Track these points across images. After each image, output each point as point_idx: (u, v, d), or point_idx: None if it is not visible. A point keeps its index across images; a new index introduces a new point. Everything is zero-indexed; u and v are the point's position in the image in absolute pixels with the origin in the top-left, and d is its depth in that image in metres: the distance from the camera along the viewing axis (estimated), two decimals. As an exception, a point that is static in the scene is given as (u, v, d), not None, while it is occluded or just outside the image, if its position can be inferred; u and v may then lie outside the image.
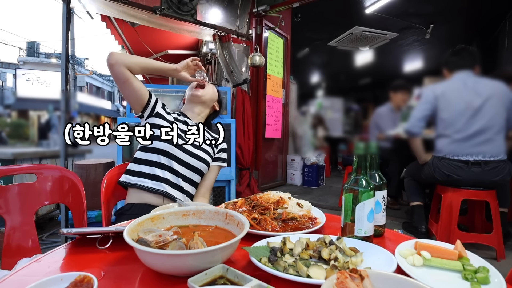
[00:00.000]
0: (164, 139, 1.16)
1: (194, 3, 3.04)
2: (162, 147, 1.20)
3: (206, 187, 1.36)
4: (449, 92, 2.03)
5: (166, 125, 1.21)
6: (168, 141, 1.17)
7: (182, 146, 1.23)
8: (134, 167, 1.23)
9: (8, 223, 1.06)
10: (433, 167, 2.07)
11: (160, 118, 1.24)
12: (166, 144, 1.19)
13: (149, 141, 1.13)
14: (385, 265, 0.60)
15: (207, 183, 1.36)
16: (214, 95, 1.39)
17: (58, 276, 0.50)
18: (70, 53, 2.50)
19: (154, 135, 1.14)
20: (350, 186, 0.75)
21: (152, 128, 1.12)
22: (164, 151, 1.21)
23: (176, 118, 1.31)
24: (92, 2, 2.61)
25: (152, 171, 1.20)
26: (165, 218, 0.73)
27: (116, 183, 1.27)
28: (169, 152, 1.21)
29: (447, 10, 4.28)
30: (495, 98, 1.93)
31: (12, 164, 2.58)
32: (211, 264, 0.54)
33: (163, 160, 1.21)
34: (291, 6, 3.56)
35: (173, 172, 1.22)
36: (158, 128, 1.18)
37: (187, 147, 1.25)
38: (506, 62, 4.07)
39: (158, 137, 1.17)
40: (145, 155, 1.22)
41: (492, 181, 1.93)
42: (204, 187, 1.35)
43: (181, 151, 1.23)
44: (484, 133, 1.92)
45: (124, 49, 4.77)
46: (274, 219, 0.84)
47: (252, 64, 3.33)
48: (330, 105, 3.69)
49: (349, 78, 5.49)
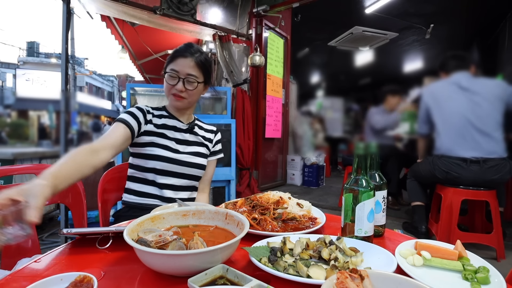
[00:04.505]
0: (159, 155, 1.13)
1: (194, 3, 3.04)
2: (158, 166, 1.14)
3: (205, 182, 1.32)
4: (444, 92, 2.09)
5: (157, 141, 1.15)
6: (162, 158, 1.14)
7: (177, 159, 1.17)
8: (132, 186, 1.19)
9: (8, 223, 1.06)
10: (433, 165, 2.10)
11: (148, 136, 1.16)
12: (161, 162, 1.14)
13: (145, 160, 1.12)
14: (385, 265, 0.59)
15: (206, 178, 1.32)
16: (199, 95, 1.22)
17: (58, 276, 0.50)
18: (70, 53, 2.51)
19: (148, 154, 1.12)
20: (350, 186, 0.75)
21: (143, 148, 1.11)
22: (160, 170, 1.15)
23: (164, 124, 1.20)
24: (92, 2, 2.61)
25: (151, 190, 1.16)
26: (165, 218, 0.73)
27: (114, 183, 1.27)
28: (165, 170, 1.16)
29: (447, 10, 4.29)
30: (491, 96, 1.95)
31: (12, 164, 2.59)
32: (211, 264, 0.54)
33: (160, 180, 1.16)
34: (291, 6, 3.56)
35: (172, 188, 1.18)
36: (150, 146, 1.14)
37: (182, 158, 1.18)
38: (506, 62, 4.07)
39: (152, 155, 1.13)
40: (141, 174, 1.17)
41: (491, 180, 1.93)
42: (203, 183, 1.31)
43: (177, 164, 1.17)
44: (481, 130, 1.93)
45: (124, 49, 4.78)
46: (274, 219, 0.84)
47: (252, 64, 3.33)
48: (330, 105, 3.69)
49: (349, 78, 5.50)
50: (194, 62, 1.14)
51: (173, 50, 1.18)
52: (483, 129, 1.93)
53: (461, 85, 2.02)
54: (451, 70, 2.10)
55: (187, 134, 1.24)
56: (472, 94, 1.97)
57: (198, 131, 1.28)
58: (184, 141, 1.22)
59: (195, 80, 1.15)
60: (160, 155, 1.14)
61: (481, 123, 1.93)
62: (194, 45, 1.18)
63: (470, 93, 1.97)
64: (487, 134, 1.93)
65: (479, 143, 1.93)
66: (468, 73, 2.05)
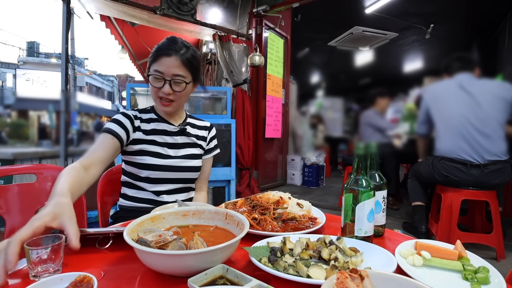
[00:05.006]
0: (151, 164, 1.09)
1: (194, 3, 3.04)
2: (151, 175, 1.10)
3: (203, 180, 1.28)
4: (445, 93, 2.07)
5: (148, 149, 1.10)
6: (155, 167, 1.10)
7: (169, 166, 1.12)
8: (128, 192, 1.15)
9: (8, 223, 1.06)
10: (433, 168, 2.09)
11: (138, 144, 1.10)
12: (154, 171, 1.10)
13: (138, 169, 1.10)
14: (385, 265, 0.59)
15: (203, 177, 1.27)
16: (188, 95, 1.14)
17: (58, 276, 0.50)
18: (70, 53, 2.51)
19: (140, 163, 1.09)
20: (350, 186, 0.75)
21: (134, 156, 1.09)
22: (154, 179, 1.11)
23: (153, 129, 1.14)
24: (91, 2, 2.61)
25: (147, 195, 1.13)
26: (165, 218, 0.73)
27: (114, 184, 1.27)
28: (159, 178, 1.12)
29: (447, 10, 4.29)
30: (493, 97, 1.94)
31: (12, 164, 2.58)
32: (211, 264, 0.54)
33: (155, 187, 1.13)
34: (291, 6, 3.57)
35: (168, 193, 1.16)
36: (140, 154, 1.09)
37: (175, 163, 1.13)
38: (506, 62, 4.07)
39: (144, 165, 1.09)
40: (135, 182, 1.13)
41: (492, 184, 1.93)
42: (200, 181, 1.27)
43: (170, 170, 1.12)
44: (483, 132, 1.92)
45: (124, 49, 4.77)
46: (274, 219, 0.84)
47: (252, 64, 3.33)
48: (330, 105, 3.70)
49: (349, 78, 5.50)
50: (180, 61, 1.04)
51: (155, 47, 1.07)
52: (485, 131, 1.91)
53: (463, 86, 1.99)
54: (455, 72, 2.08)
55: (179, 136, 1.18)
56: (474, 95, 1.95)
57: (191, 131, 1.22)
58: (176, 145, 1.17)
59: (183, 81, 1.06)
60: (152, 164, 1.09)
61: (482, 124, 1.91)
62: (178, 40, 1.08)
63: (472, 94, 1.95)
64: (489, 136, 1.91)
65: (481, 145, 1.91)
66: (471, 75, 2.03)
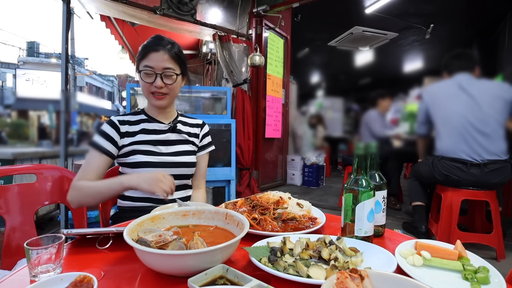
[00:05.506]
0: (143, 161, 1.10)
1: (194, 3, 3.04)
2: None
3: (199, 178, 1.28)
4: (445, 93, 2.07)
5: (138, 148, 1.11)
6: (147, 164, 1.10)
7: (161, 162, 1.13)
8: (125, 192, 1.15)
9: (8, 223, 1.06)
10: (433, 167, 2.09)
11: (128, 146, 1.12)
12: (147, 169, 1.10)
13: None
14: (385, 265, 0.60)
15: (200, 174, 1.28)
16: (179, 88, 1.17)
17: (58, 276, 0.50)
18: (70, 53, 2.51)
19: (132, 163, 1.09)
20: (350, 186, 0.75)
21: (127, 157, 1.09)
22: None
23: (143, 129, 1.15)
24: (91, 2, 2.61)
25: (144, 194, 1.13)
26: (165, 218, 0.73)
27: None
28: None
29: (447, 10, 4.29)
30: (493, 98, 1.94)
31: (12, 164, 2.58)
32: (211, 264, 0.54)
33: None
34: (291, 6, 3.56)
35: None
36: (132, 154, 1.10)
37: (167, 159, 1.14)
38: (506, 62, 4.07)
39: (136, 163, 1.10)
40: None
41: (492, 183, 1.93)
42: (197, 179, 1.28)
43: (163, 167, 1.13)
44: (482, 132, 1.92)
45: (124, 49, 4.78)
46: (274, 219, 0.84)
47: (252, 64, 3.33)
48: (330, 105, 3.70)
49: (349, 78, 5.51)
50: (168, 55, 1.09)
51: (141, 46, 1.12)
52: (484, 131, 1.91)
53: (462, 87, 1.99)
54: (455, 71, 2.07)
55: (169, 133, 1.19)
56: (473, 95, 1.94)
57: (182, 128, 1.23)
58: (167, 142, 1.18)
59: (173, 73, 1.10)
60: (144, 161, 1.10)
61: (482, 124, 1.91)
62: (164, 37, 1.14)
63: (471, 95, 1.95)
64: (488, 136, 1.91)
65: (481, 144, 1.91)
66: (471, 75, 2.03)
